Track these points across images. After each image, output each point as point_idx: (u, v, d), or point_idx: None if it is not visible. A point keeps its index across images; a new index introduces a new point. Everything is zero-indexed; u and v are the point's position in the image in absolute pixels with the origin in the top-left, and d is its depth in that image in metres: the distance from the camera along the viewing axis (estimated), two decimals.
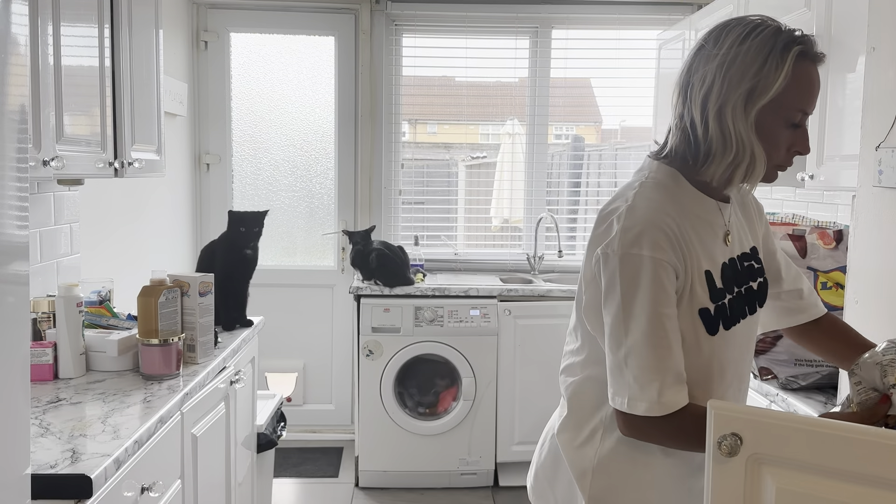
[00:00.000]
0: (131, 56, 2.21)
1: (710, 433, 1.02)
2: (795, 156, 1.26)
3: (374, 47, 3.90)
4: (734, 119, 1.19)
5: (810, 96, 1.22)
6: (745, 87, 1.18)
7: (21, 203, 1.09)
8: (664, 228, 1.20)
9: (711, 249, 1.26)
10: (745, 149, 1.20)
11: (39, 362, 1.86)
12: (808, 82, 1.21)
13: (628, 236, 1.19)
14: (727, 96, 1.19)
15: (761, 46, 1.19)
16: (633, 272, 1.18)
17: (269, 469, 2.89)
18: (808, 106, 1.22)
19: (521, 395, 3.50)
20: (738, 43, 1.20)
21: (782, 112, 1.20)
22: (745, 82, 1.19)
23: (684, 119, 1.25)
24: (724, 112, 1.20)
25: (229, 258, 2.48)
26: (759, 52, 1.19)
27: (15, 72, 1.07)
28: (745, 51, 1.19)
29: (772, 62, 1.18)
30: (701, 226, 1.26)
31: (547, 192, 4.11)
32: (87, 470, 1.33)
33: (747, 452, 1.00)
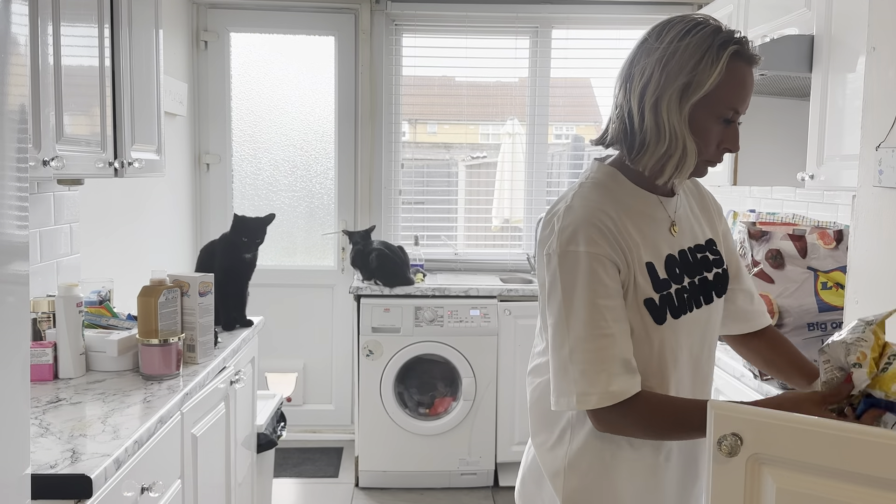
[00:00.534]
0: (131, 56, 2.21)
1: (710, 433, 1.02)
2: (725, 153, 1.29)
3: (374, 47, 3.90)
4: (668, 112, 1.23)
5: (742, 95, 1.26)
6: (681, 81, 1.22)
7: (21, 203, 1.09)
8: (599, 225, 1.24)
9: (655, 241, 1.30)
10: (677, 141, 1.24)
11: (39, 362, 1.86)
12: (741, 81, 1.25)
13: (565, 235, 1.24)
14: (663, 89, 1.23)
15: (699, 43, 1.23)
16: (570, 268, 1.22)
17: (269, 469, 2.88)
18: (739, 104, 1.25)
19: (521, 396, 3.49)
20: (678, 38, 1.25)
21: (715, 108, 1.24)
22: (682, 77, 1.23)
23: (622, 109, 1.29)
24: (659, 104, 1.24)
25: (229, 259, 2.49)
26: (697, 48, 1.23)
27: (15, 72, 1.07)
28: (684, 46, 1.24)
29: (707, 59, 1.22)
30: (642, 220, 1.30)
31: (547, 192, 4.11)
32: (86, 470, 1.33)
33: (747, 452, 1.00)
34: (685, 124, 1.24)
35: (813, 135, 2.18)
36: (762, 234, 2.01)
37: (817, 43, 2.16)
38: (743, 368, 2.08)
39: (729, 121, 1.26)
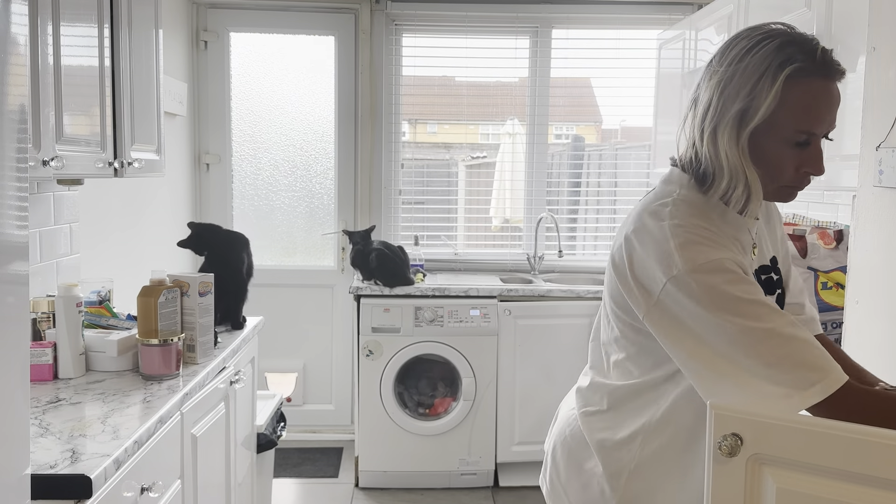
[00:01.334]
0: (131, 56, 2.21)
1: (709, 434, 1.02)
2: (808, 175, 1.19)
3: (374, 47, 3.90)
4: (727, 142, 1.16)
5: (814, 115, 1.14)
6: (737, 108, 1.15)
7: (21, 203, 1.09)
8: (714, 237, 1.16)
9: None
10: (737, 173, 1.16)
11: (39, 362, 1.86)
12: (809, 101, 1.14)
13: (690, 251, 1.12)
14: (720, 117, 1.16)
15: (758, 65, 1.14)
16: (717, 278, 1.10)
17: (269, 469, 2.88)
18: (812, 125, 1.15)
19: (521, 396, 3.49)
20: (738, 60, 1.16)
21: (780, 133, 1.15)
22: (738, 103, 1.15)
23: (689, 137, 1.23)
24: (717, 134, 1.16)
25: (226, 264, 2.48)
26: (755, 71, 1.14)
27: (15, 72, 1.07)
28: (742, 69, 1.15)
29: (764, 82, 1.13)
30: (730, 242, 1.21)
31: (547, 192, 4.11)
32: (86, 470, 1.33)
33: (748, 453, 1.00)
34: (745, 154, 1.15)
35: None
36: None
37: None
38: None
39: (804, 143, 1.16)
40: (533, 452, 3.53)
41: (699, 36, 3.20)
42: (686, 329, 1.12)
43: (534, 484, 3.58)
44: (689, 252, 1.12)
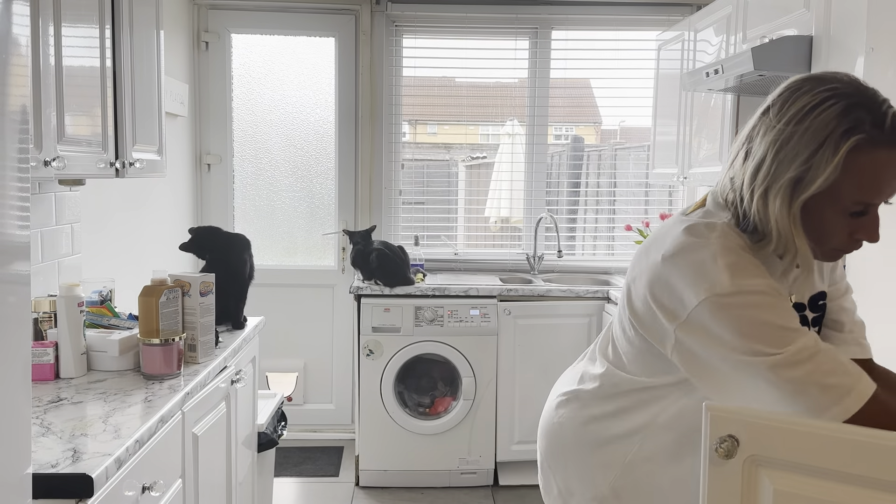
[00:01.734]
0: (132, 56, 2.21)
1: (705, 435, 1.02)
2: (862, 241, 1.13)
3: (374, 48, 3.91)
4: (778, 207, 1.09)
5: (876, 187, 1.07)
6: (792, 175, 1.07)
7: (22, 203, 1.09)
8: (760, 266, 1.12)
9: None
10: (783, 239, 1.11)
11: (40, 362, 1.86)
12: (871, 174, 1.06)
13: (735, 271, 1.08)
14: (773, 179, 1.09)
15: (819, 129, 1.05)
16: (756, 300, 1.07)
17: (270, 468, 2.89)
18: (872, 197, 1.08)
19: (520, 395, 3.50)
20: (798, 120, 1.07)
21: (837, 203, 1.08)
22: (793, 170, 1.07)
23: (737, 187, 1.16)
24: (767, 196, 1.10)
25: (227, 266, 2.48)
26: (815, 136, 1.05)
27: (16, 72, 1.08)
28: (801, 132, 1.07)
29: (825, 152, 1.04)
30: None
31: (546, 193, 4.11)
32: (88, 469, 1.34)
33: (744, 454, 1.00)
34: (796, 222, 1.09)
35: None
36: None
37: (816, 44, 2.17)
38: None
39: (859, 213, 1.09)
40: (533, 452, 3.53)
41: (698, 37, 3.21)
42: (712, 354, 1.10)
43: (534, 483, 3.59)
44: (738, 273, 1.08)
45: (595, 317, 3.53)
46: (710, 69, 2.54)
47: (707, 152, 3.07)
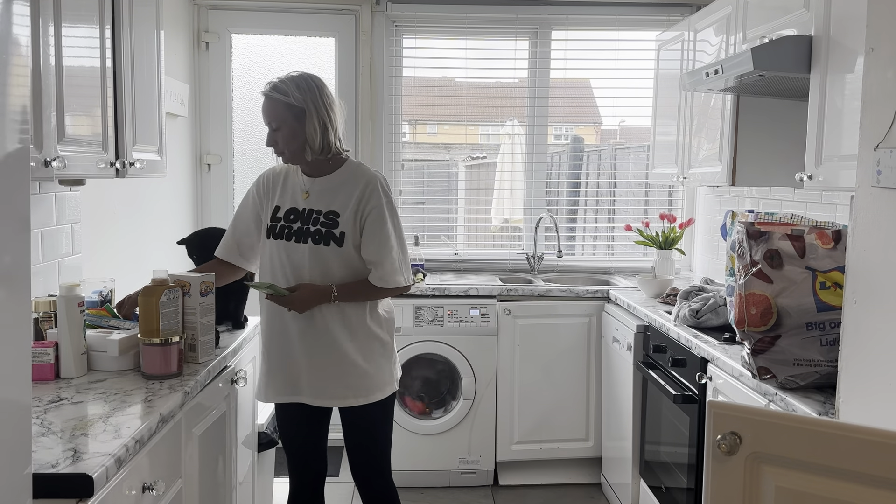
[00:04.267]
0: (132, 57, 2.22)
1: (709, 432, 1.02)
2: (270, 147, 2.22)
3: (374, 48, 3.91)
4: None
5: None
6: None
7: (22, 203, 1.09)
8: (263, 177, 2.35)
9: (289, 197, 2.24)
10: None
11: (41, 362, 1.86)
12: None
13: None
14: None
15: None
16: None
17: (270, 468, 2.89)
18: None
19: (520, 395, 3.50)
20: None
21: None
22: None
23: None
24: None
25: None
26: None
27: (16, 72, 1.08)
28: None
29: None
30: (288, 185, 2.27)
31: (546, 193, 4.11)
32: (88, 469, 1.34)
33: (746, 451, 1.01)
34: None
35: (811, 135, 2.18)
36: (760, 234, 2.01)
37: (816, 44, 2.17)
38: (742, 368, 2.09)
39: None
40: (532, 451, 3.54)
41: (698, 37, 3.21)
42: None
43: (534, 482, 3.60)
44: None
45: (595, 317, 3.53)
46: (709, 69, 2.54)
47: (707, 152, 3.07)
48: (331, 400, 2.24)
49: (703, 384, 2.40)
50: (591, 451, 3.58)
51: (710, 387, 2.36)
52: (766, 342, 1.96)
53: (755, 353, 1.97)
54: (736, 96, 2.81)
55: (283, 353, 2.23)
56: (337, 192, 2.20)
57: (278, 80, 2.16)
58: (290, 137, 2.16)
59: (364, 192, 2.20)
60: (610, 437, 3.43)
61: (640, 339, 3.05)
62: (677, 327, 2.68)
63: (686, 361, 2.57)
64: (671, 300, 3.14)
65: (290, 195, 2.24)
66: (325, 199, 2.20)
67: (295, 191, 2.24)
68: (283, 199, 2.24)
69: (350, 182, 2.21)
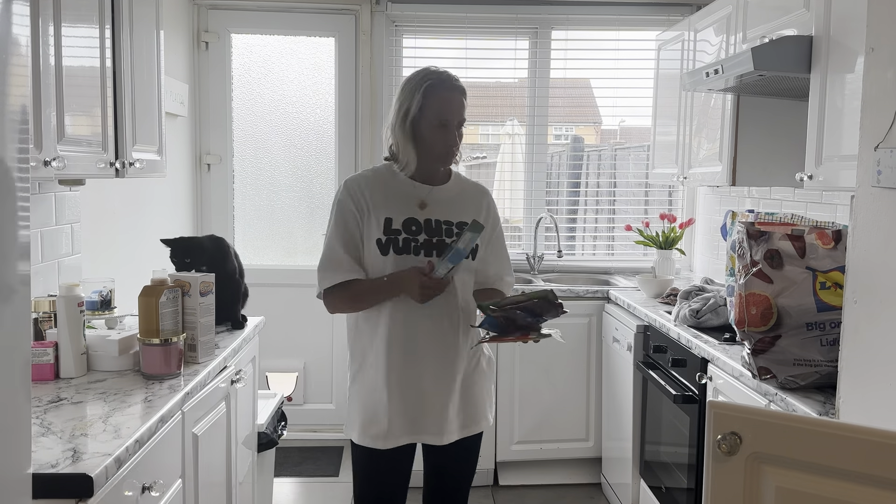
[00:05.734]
0: (132, 56, 2.21)
1: (709, 432, 1.02)
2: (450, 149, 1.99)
3: (374, 48, 3.91)
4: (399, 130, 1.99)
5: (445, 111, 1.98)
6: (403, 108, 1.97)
7: (22, 203, 1.09)
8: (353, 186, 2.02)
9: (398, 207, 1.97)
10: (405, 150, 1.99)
11: (40, 362, 1.86)
12: (440, 102, 1.97)
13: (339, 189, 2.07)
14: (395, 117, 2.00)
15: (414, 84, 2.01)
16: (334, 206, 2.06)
17: (270, 468, 2.89)
18: (443, 117, 1.97)
19: (520, 395, 3.50)
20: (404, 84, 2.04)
21: (430, 119, 1.96)
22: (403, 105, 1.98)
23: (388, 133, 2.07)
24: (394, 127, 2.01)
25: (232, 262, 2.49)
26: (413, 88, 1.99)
27: (16, 72, 1.08)
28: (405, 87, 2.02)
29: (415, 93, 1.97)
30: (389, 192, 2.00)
31: (546, 193, 4.11)
32: (87, 469, 1.34)
33: (747, 451, 1.00)
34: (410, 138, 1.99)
35: (812, 135, 2.18)
36: (761, 234, 2.01)
37: (816, 44, 2.17)
38: (742, 368, 2.09)
39: (444, 127, 1.97)
40: (533, 451, 3.54)
41: (698, 37, 3.21)
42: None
43: (534, 483, 3.59)
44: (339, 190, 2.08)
45: (595, 317, 3.53)
46: (709, 69, 2.54)
47: (707, 152, 3.07)
48: (451, 434, 1.99)
49: (704, 384, 2.40)
50: (592, 451, 3.57)
51: (710, 387, 2.36)
52: (767, 342, 1.96)
53: (755, 353, 1.97)
54: (736, 96, 2.81)
55: (409, 384, 1.95)
56: (456, 202, 2.02)
57: (455, 76, 2.03)
58: (460, 139, 2.01)
59: (489, 205, 2.10)
60: (610, 437, 3.43)
61: (641, 339, 3.05)
62: (677, 327, 2.68)
63: (686, 361, 2.57)
64: (671, 300, 3.14)
65: (398, 205, 1.97)
66: (448, 209, 2.00)
67: (404, 200, 1.98)
68: (391, 209, 1.96)
69: (469, 193, 2.08)
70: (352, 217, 1.97)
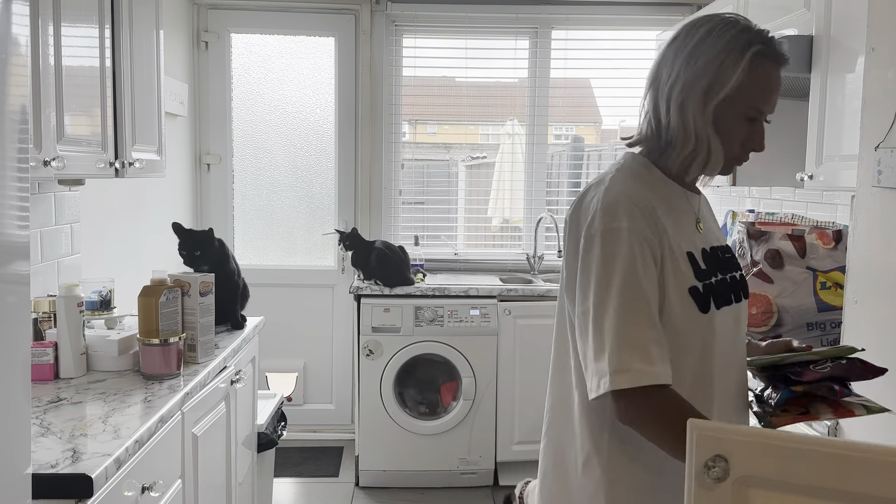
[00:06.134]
0: (132, 56, 2.21)
1: (691, 455, 0.96)
2: (750, 151, 1.30)
3: (374, 48, 3.91)
4: (694, 112, 1.24)
5: (767, 95, 1.26)
6: (705, 81, 1.23)
7: (22, 203, 1.09)
8: (641, 205, 1.22)
9: (688, 233, 1.29)
10: (701, 142, 1.25)
11: (40, 362, 1.86)
12: (765, 81, 1.25)
13: (608, 212, 1.21)
14: (689, 90, 1.24)
15: (725, 43, 1.23)
16: (612, 245, 1.19)
17: (270, 468, 2.89)
18: (764, 104, 1.26)
19: (520, 395, 3.50)
20: (704, 39, 1.25)
21: (739, 108, 1.24)
22: (706, 77, 1.23)
23: (651, 109, 1.31)
24: (685, 105, 1.25)
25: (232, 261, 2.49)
26: (722, 48, 1.23)
27: (16, 72, 1.08)
28: (708, 46, 1.24)
29: (731, 59, 1.23)
30: (674, 210, 1.29)
31: (547, 193, 4.11)
32: (87, 469, 1.34)
33: (734, 475, 0.95)
34: (709, 124, 1.24)
35: (812, 135, 2.18)
36: (761, 234, 2.01)
37: (816, 43, 2.17)
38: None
39: (754, 120, 1.26)
40: (533, 452, 3.53)
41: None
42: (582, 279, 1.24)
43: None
44: (607, 214, 1.21)
45: None
46: None
47: None
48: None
49: None
50: None
51: None
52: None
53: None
54: None
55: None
56: (710, 218, 1.43)
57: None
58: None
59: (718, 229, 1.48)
60: None
61: None
62: None
63: None
64: None
65: (683, 230, 1.29)
66: (712, 229, 1.40)
67: (686, 219, 1.32)
68: (681, 238, 1.27)
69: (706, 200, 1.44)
70: (651, 257, 1.21)
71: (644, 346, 1.15)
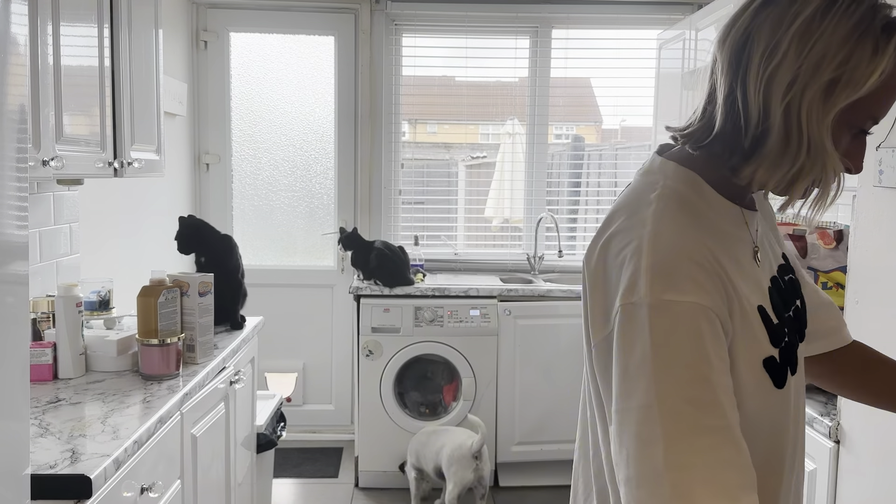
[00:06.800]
0: (131, 56, 2.21)
1: None
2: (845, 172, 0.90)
3: (374, 47, 3.90)
4: (808, 114, 0.83)
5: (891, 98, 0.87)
6: (829, 75, 0.82)
7: (20, 203, 1.09)
8: (702, 262, 0.83)
9: (754, 277, 0.91)
10: (815, 155, 0.84)
11: (39, 362, 1.86)
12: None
13: (659, 277, 0.81)
14: (806, 82, 0.82)
15: (858, 22, 0.81)
16: (669, 327, 0.80)
17: (269, 469, 2.88)
18: (883, 111, 0.87)
19: (521, 396, 3.49)
20: (825, 8, 0.82)
21: (858, 115, 0.86)
22: (829, 68, 0.82)
23: (730, 94, 0.86)
24: (797, 104, 0.83)
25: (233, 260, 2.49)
26: (854, 29, 0.81)
27: (14, 71, 1.07)
28: (834, 24, 0.81)
29: (866, 46, 0.81)
30: (733, 245, 0.91)
31: (547, 192, 4.11)
32: (86, 470, 1.33)
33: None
34: (828, 134, 0.84)
35: None
36: None
37: None
38: None
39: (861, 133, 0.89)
40: (533, 452, 3.53)
41: (699, 36, 3.20)
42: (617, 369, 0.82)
43: (534, 484, 3.59)
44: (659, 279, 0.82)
45: None
46: None
47: None
48: None
49: None
50: None
51: None
52: None
53: None
54: None
55: None
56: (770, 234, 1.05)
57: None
58: None
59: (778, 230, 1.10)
60: None
61: None
62: None
63: None
64: None
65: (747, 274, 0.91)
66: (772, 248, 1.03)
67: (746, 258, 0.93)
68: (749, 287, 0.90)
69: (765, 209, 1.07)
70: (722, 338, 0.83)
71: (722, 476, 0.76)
